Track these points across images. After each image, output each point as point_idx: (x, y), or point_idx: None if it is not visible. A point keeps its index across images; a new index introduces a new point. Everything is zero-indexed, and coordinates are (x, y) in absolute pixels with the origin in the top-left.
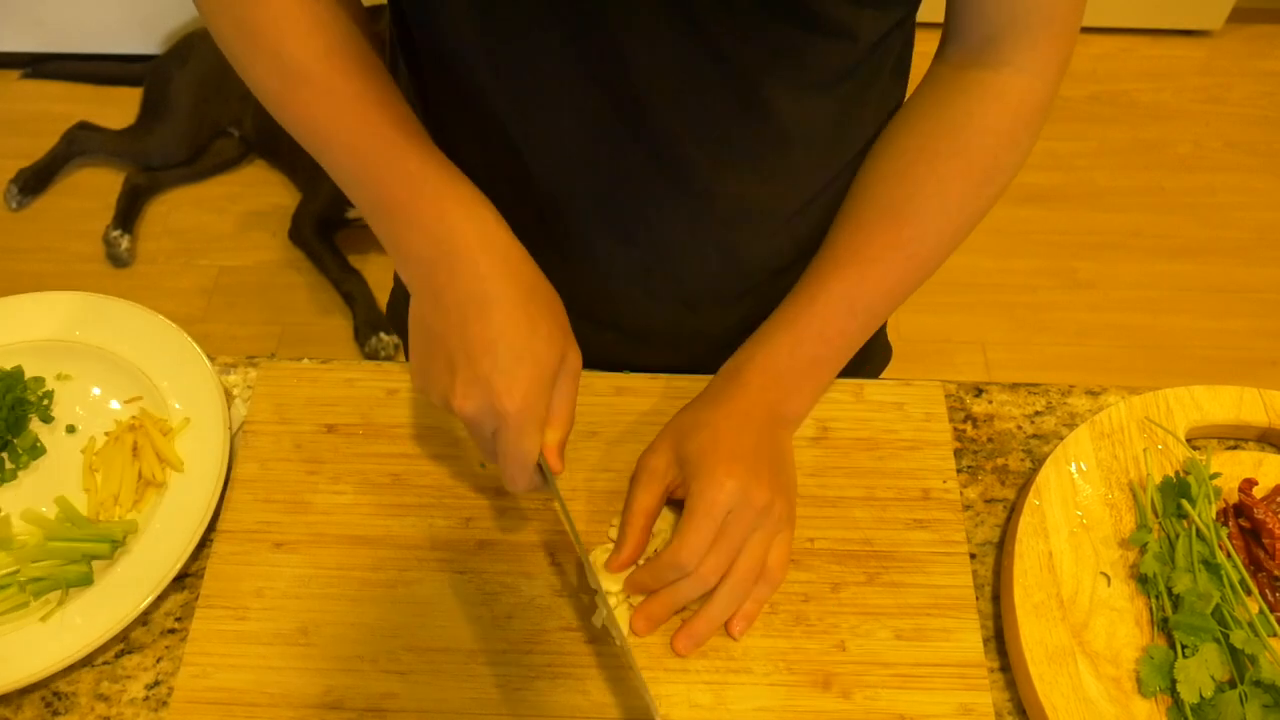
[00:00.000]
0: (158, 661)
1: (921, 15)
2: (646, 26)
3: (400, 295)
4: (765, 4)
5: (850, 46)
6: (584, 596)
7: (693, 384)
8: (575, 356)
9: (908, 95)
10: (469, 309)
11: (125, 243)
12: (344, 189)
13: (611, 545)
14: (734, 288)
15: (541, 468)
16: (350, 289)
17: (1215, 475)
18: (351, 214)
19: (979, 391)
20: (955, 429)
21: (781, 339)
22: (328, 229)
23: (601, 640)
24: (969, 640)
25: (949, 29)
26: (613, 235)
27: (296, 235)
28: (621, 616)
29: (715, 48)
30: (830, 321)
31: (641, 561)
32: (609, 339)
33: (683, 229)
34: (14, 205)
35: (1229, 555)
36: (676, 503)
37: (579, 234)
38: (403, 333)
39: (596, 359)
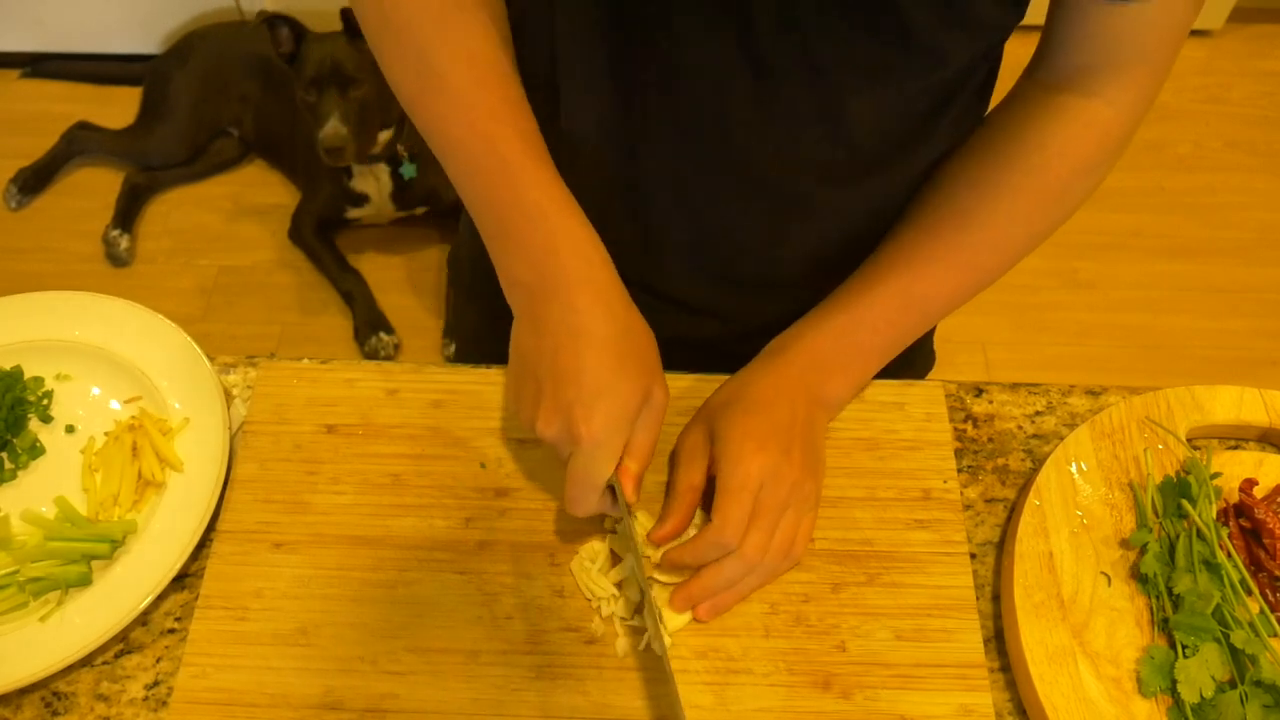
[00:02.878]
0: (157, 662)
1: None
2: (749, 18)
3: (463, 253)
4: (862, 19)
5: (937, 67)
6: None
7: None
8: (661, 394)
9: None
10: (562, 340)
11: (124, 242)
12: (462, 198)
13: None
14: (780, 274)
15: (615, 497)
16: (350, 288)
17: (1215, 475)
18: (351, 214)
19: (979, 391)
20: (956, 429)
21: (830, 323)
22: (327, 229)
23: (601, 641)
24: (969, 641)
25: (1043, 52)
26: (673, 207)
27: (296, 235)
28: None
29: (806, 53)
30: (882, 313)
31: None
32: (651, 303)
33: (736, 210)
34: (14, 205)
35: (1229, 555)
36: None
37: (639, 205)
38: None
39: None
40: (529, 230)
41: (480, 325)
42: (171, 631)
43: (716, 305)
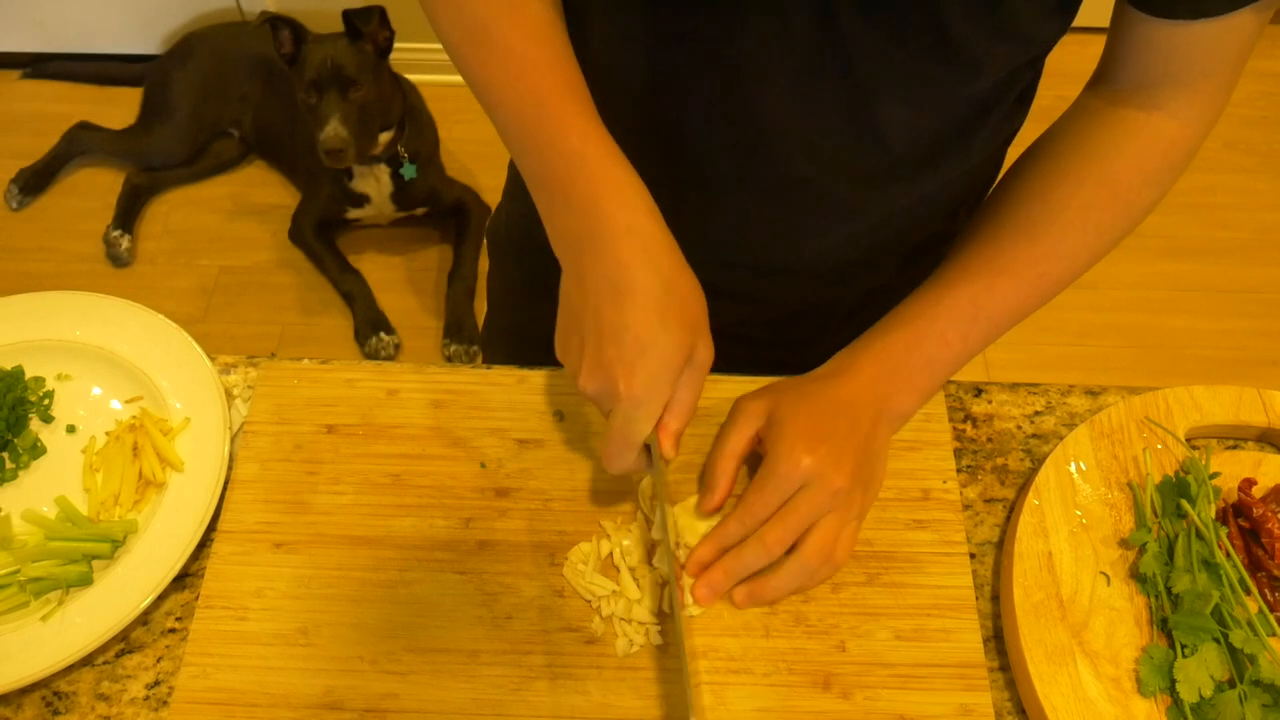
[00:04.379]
0: (158, 661)
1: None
2: (784, 16)
3: (501, 223)
4: (903, 28)
5: (975, 79)
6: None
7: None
8: (706, 351)
9: (1039, 123)
10: (605, 294)
11: (125, 242)
12: (509, 150)
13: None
14: (802, 267)
15: (650, 455)
16: (350, 289)
17: (1214, 475)
18: (351, 214)
19: (979, 391)
20: (955, 429)
21: (900, 334)
22: (327, 229)
23: (602, 642)
24: (969, 641)
25: (1106, 68)
26: (697, 198)
27: (296, 235)
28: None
29: (843, 57)
30: (952, 324)
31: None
32: None
33: (759, 201)
34: (14, 205)
35: (1228, 555)
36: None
37: (667, 193)
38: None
39: None
40: (574, 180)
41: (520, 297)
42: (172, 631)
43: (732, 288)
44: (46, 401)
